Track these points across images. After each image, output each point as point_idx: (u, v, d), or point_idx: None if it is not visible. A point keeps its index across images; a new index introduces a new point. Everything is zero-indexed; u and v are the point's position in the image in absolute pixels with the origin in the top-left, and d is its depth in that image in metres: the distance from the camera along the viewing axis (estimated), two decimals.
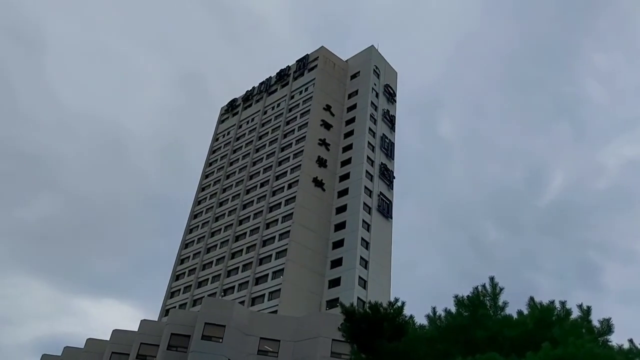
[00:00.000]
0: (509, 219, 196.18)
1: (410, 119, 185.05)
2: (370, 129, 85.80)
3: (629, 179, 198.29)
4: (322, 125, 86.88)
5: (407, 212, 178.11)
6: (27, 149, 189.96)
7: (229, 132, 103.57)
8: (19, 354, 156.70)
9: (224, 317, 44.35)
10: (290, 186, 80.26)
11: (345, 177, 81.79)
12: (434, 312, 17.90)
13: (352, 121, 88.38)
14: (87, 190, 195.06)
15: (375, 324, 19.19)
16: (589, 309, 15.86)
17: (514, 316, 16.79)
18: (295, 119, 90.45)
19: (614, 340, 15.41)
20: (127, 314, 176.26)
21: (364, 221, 75.53)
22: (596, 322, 15.79)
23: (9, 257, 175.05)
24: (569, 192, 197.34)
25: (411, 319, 19.26)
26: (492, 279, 17.31)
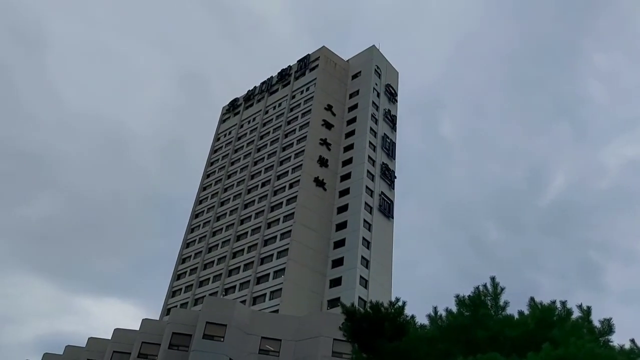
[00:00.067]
0: (509, 219, 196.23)
1: (411, 118, 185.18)
2: (371, 129, 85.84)
3: (629, 179, 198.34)
4: (323, 124, 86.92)
5: (408, 211, 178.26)
6: (28, 148, 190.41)
7: (230, 132, 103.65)
8: (20, 353, 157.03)
9: (225, 316, 44.43)
10: (291, 186, 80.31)
11: (346, 176, 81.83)
12: (435, 311, 17.89)
13: (353, 121, 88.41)
14: (88, 189, 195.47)
15: (376, 323, 19.20)
16: (589, 309, 15.87)
17: (515, 316, 16.79)
18: (296, 118, 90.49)
19: (616, 340, 15.43)
20: (128, 313, 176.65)
21: (365, 221, 75.57)
22: (597, 323, 15.81)
23: (10, 255, 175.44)
24: (570, 192, 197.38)
25: (412, 318, 19.26)
26: (493, 278, 17.30)
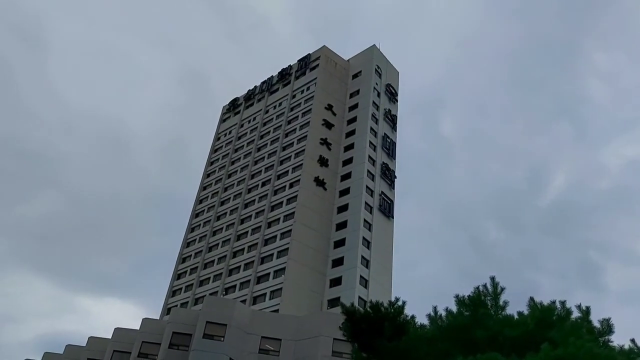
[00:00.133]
0: (510, 219, 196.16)
1: (411, 118, 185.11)
2: (371, 129, 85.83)
3: (630, 179, 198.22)
4: (323, 124, 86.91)
5: (408, 211, 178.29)
6: (29, 147, 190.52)
7: (230, 131, 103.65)
8: (20, 352, 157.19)
9: (226, 315, 44.46)
10: (291, 185, 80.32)
11: (346, 176, 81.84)
12: (435, 311, 17.89)
13: (353, 120, 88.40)
14: (89, 188, 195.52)
15: (376, 323, 19.19)
16: (588, 309, 15.87)
17: (515, 316, 16.79)
18: (296, 118, 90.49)
19: (616, 341, 15.44)
20: (128, 313, 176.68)
21: (366, 220, 75.58)
22: (597, 323, 15.82)
23: (11, 255, 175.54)
24: (570, 192, 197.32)
25: (412, 318, 19.25)
26: (493, 278, 17.28)
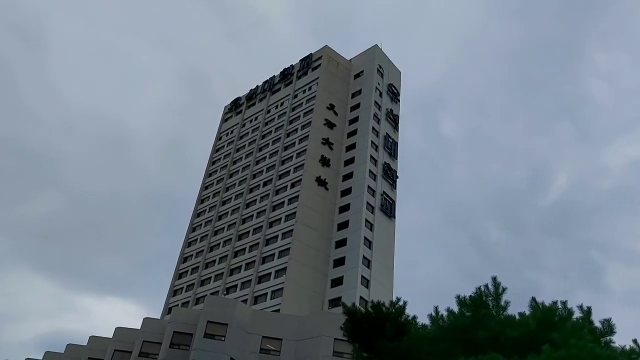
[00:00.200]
0: (511, 219, 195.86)
1: (413, 118, 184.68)
2: (373, 128, 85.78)
3: (631, 179, 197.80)
4: (325, 124, 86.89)
5: (409, 211, 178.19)
6: (29, 147, 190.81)
7: (232, 131, 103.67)
8: (21, 351, 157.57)
9: (227, 315, 44.48)
10: (293, 185, 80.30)
11: (348, 176, 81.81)
12: (436, 311, 17.85)
13: (355, 120, 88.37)
14: (90, 188, 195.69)
15: (377, 323, 19.13)
16: (589, 309, 15.82)
17: (517, 316, 16.75)
18: (298, 118, 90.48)
19: (618, 341, 15.39)
20: (129, 312, 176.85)
21: (367, 220, 75.52)
22: (598, 324, 15.76)
23: (11, 254, 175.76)
24: (572, 192, 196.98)
25: (414, 319, 19.21)
26: (494, 278, 17.24)
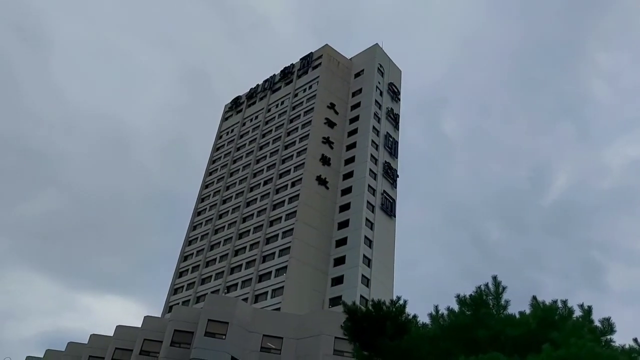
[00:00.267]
0: (512, 219, 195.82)
1: (414, 117, 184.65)
2: (374, 127, 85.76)
3: (632, 179, 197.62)
4: (325, 123, 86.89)
5: (409, 210, 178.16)
6: (31, 146, 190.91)
7: (232, 130, 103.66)
8: (22, 349, 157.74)
9: (227, 314, 44.54)
10: (293, 184, 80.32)
11: (348, 175, 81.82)
12: (437, 310, 17.89)
13: (355, 119, 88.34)
14: (91, 186, 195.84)
15: (377, 322, 19.17)
16: (590, 308, 15.86)
17: (517, 316, 16.77)
18: (299, 117, 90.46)
19: (618, 340, 15.44)
20: (130, 310, 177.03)
21: (367, 219, 75.53)
22: (599, 323, 15.80)
23: (12, 253, 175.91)
24: (573, 191, 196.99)
25: (414, 318, 19.25)
26: (495, 278, 17.27)
